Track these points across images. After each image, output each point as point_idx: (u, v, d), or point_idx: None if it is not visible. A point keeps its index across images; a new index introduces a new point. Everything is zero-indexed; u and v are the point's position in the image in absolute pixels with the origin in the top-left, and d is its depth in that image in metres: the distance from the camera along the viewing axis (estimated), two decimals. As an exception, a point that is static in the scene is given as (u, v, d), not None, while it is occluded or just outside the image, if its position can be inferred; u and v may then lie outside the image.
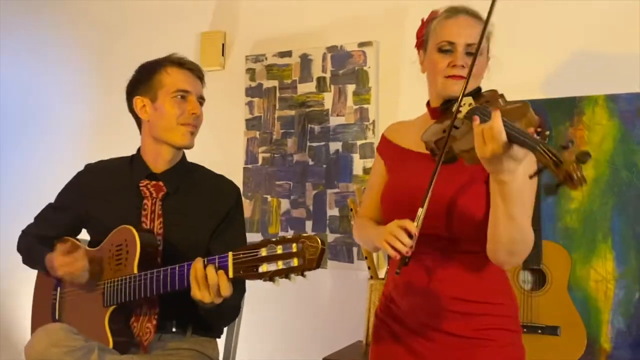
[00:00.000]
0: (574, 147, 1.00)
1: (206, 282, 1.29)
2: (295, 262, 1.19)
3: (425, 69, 1.50)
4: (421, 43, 1.52)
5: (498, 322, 1.37)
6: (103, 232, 1.59)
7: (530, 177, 1.04)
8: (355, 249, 2.42)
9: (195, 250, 1.56)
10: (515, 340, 1.41)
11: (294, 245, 1.20)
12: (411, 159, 1.49)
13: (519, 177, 1.16)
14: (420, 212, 1.25)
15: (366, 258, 2.19)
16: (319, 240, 1.19)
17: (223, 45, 2.76)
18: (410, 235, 1.24)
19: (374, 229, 1.45)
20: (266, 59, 2.65)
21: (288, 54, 2.61)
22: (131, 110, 1.70)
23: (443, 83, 1.40)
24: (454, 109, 1.29)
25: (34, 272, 1.79)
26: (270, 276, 1.22)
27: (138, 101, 1.65)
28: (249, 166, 2.65)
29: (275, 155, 2.60)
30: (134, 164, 1.69)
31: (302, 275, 1.20)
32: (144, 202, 1.61)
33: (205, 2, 2.83)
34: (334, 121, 2.50)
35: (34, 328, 1.75)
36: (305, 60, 2.57)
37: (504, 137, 1.08)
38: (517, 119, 1.13)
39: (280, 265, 1.21)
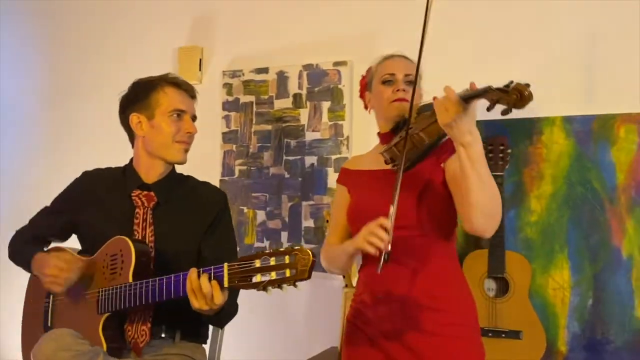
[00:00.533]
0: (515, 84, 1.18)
1: (201, 291, 1.36)
2: (287, 272, 1.29)
3: (372, 106, 1.73)
4: (365, 87, 1.77)
5: (461, 324, 1.53)
6: (95, 238, 1.64)
7: (488, 109, 1.21)
8: (329, 259, 2.52)
9: (185, 256, 1.64)
10: (476, 337, 1.56)
11: (287, 257, 1.29)
12: (371, 178, 1.65)
13: (479, 139, 1.34)
14: (392, 209, 1.37)
15: (341, 267, 2.30)
16: (310, 253, 1.29)
17: (200, 60, 2.84)
18: (386, 230, 1.35)
19: (342, 245, 1.58)
20: (243, 74, 2.75)
21: (265, 70, 2.71)
22: (125, 124, 1.76)
23: (390, 107, 1.62)
24: (404, 124, 1.46)
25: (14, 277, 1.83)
26: (264, 286, 1.31)
27: (134, 117, 1.72)
28: (226, 178, 2.73)
29: (252, 168, 2.69)
30: (126, 175, 1.76)
31: (294, 285, 1.29)
32: (136, 211, 1.68)
33: (183, 18, 2.91)
34: (309, 136, 2.61)
35: (24, 334, 1.79)
36: (282, 77, 2.68)
37: (457, 97, 1.28)
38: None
39: (273, 275, 1.30)
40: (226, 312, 1.56)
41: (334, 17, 2.63)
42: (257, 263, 1.32)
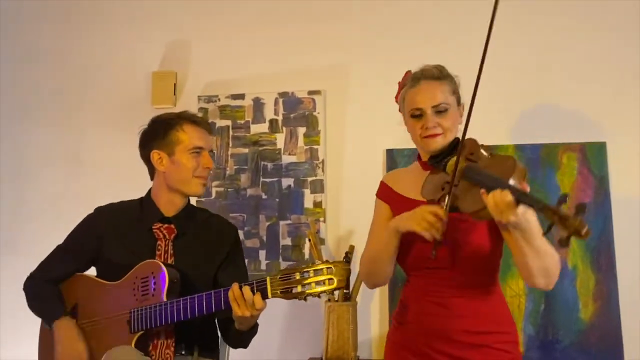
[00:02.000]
0: (569, 200, 1.24)
1: (244, 300, 1.50)
2: (327, 283, 1.45)
3: (406, 125, 1.72)
4: (400, 106, 1.74)
5: (504, 348, 1.57)
6: (118, 270, 1.73)
7: (544, 234, 1.29)
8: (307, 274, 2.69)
9: (203, 283, 1.77)
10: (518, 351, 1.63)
11: (325, 269, 1.46)
12: (414, 208, 1.57)
13: (533, 218, 1.38)
14: (447, 199, 1.42)
15: (324, 283, 2.48)
16: (347, 265, 1.46)
17: (175, 85, 2.92)
18: (440, 217, 1.40)
19: (386, 231, 1.57)
20: (219, 99, 2.87)
21: (241, 96, 2.84)
22: (146, 159, 1.85)
23: (422, 143, 1.64)
24: (442, 166, 1.53)
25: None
26: (304, 297, 1.47)
27: (155, 154, 1.82)
28: (202, 199, 2.83)
29: (229, 190, 2.81)
30: (144, 208, 1.85)
31: (332, 294, 1.46)
32: (157, 243, 1.78)
33: (157, 43, 2.98)
34: (286, 159, 2.77)
35: (42, 357, 1.82)
36: (258, 104, 2.83)
37: (513, 203, 1.29)
38: (509, 172, 1.35)
39: (313, 286, 1.46)
40: (251, 334, 1.70)
41: (308, 47, 2.82)
42: (297, 275, 1.48)
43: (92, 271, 1.91)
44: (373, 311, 2.64)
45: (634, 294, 2.44)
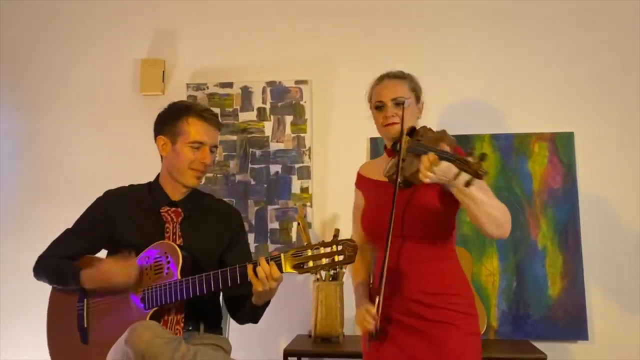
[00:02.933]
0: (475, 152, 1.46)
1: (264, 275, 1.62)
2: (337, 258, 1.57)
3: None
4: (369, 102, 1.98)
5: (459, 308, 1.78)
6: (128, 250, 1.81)
7: (466, 185, 1.47)
8: (294, 257, 2.82)
9: (210, 263, 1.86)
10: (474, 323, 1.79)
11: (334, 246, 1.58)
12: (380, 188, 1.86)
13: (474, 189, 1.55)
14: (378, 299, 1.67)
15: (313, 264, 2.62)
16: (353, 242, 1.58)
17: (163, 72, 2.98)
18: (373, 317, 1.66)
19: (356, 292, 1.89)
20: (207, 88, 2.94)
21: (229, 85, 2.93)
22: (156, 143, 1.94)
23: (383, 130, 1.87)
24: (397, 147, 1.75)
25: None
26: (315, 271, 1.60)
27: (160, 140, 1.90)
28: (192, 185, 2.91)
29: (218, 176, 2.90)
30: (152, 192, 1.93)
31: (341, 269, 1.57)
32: (165, 225, 1.87)
33: (145, 31, 3.03)
34: (273, 146, 2.88)
35: (52, 339, 1.89)
36: (246, 92, 2.92)
37: (436, 159, 1.51)
38: (441, 142, 1.61)
39: (324, 261, 1.58)
40: (264, 309, 1.85)
41: (296, 38, 2.93)
42: (309, 252, 1.59)
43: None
44: (358, 291, 2.79)
45: (598, 272, 2.66)
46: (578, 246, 2.65)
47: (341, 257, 1.57)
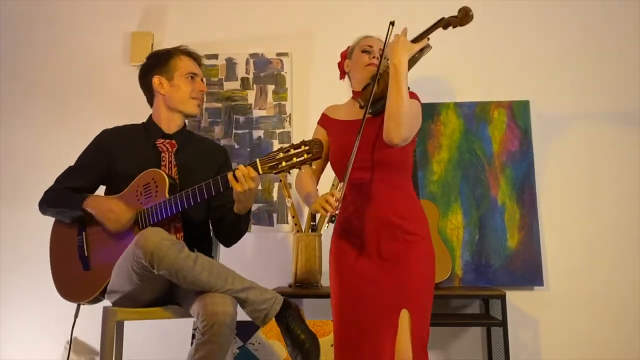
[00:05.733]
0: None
1: (242, 177, 1.78)
2: (305, 156, 1.74)
3: (349, 69, 2.19)
4: (345, 57, 2.23)
5: (420, 231, 2.02)
6: (126, 182, 1.99)
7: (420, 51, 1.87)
8: (275, 215, 3.03)
9: None
10: (428, 241, 2.04)
11: (303, 146, 1.75)
12: (347, 125, 2.07)
13: (405, 64, 1.85)
14: (341, 185, 1.84)
15: (293, 217, 2.83)
16: (320, 140, 1.76)
17: (152, 45, 3.18)
18: (336, 199, 1.77)
19: (307, 192, 2.00)
20: (194, 59, 3.15)
21: (214, 56, 3.14)
22: (146, 86, 2.13)
23: (365, 70, 2.09)
24: (375, 72, 2.00)
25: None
26: (289, 169, 1.75)
27: (156, 80, 2.11)
28: (179, 149, 3.10)
29: (204, 140, 3.10)
30: (147, 128, 2.13)
31: (310, 164, 1.75)
32: (162, 155, 2.06)
33: (135, 4, 3.23)
34: (256, 113, 3.10)
35: (56, 269, 2.06)
36: (231, 63, 3.14)
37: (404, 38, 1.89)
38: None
39: (295, 160, 1.74)
40: (247, 219, 2.02)
41: (277, 12, 3.16)
42: (281, 154, 1.76)
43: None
44: (334, 245, 3.01)
45: (551, 225, 2.94)
46: (534, 202, 2.93)
47: (310, 155, 1.73)
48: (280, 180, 2.91)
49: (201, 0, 3.21)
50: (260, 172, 1.79)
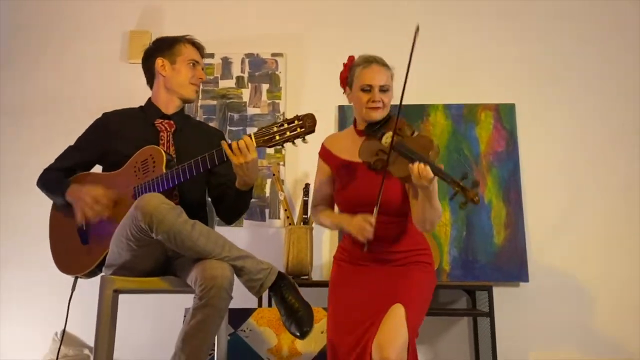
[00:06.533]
0: (470, 176, 1.69)
1: (238, 148, 1.80)
2: (299, 130, 1.76)
3: (351, 100, 2.10)
4: (346, 83, 2.11)
5: (421, 258, 2.01)
6: (125, 162, 2.03)
7: (450, 199, 1.70)
8: (267, 210, 3.08)
9: None
10: (431, 267, 2.04)
11: (296, 121, 1.77)
12: (355, 171, 2.02)
13: (436, 187, 1.81)
14: (375, 211, 1.85)
15: (285, 210, 2.88)
16: (312, 115, 1.78)
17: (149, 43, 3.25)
18: (371, 224, 1.82)
19: (337, 218, 2.03)
20: (190, 58, 3.22)
21: (211, 55, 3.22)
22: (149, 68, 2.20)
23: (366, 112, 2.00)
24: (378, 136, 1.92)
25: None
26: (282, 142, 1.77)
27: (159, 61, 2.17)
28: (173, 144, 3.16)
29: (198, 136, 3.16)
30: (146, 109, 2.18)
31: (304, 139, 1.77)
32: (160, 134, 2.11)
33: (133, 4, 3.31)
34: (251, 111, 3.17)
35: (54, 243, 2.09)
36: (226, 62, 3.22)
37: (431, 175, 1.72)
38: (430, 150, 1.78)
39: (288, 134, 1.76)
40: (249, 196, 2.04)
41: (273, 14, 3.26)
42: (274, 128, 1.79)
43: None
44: (324, 239, 3.06)
45: (536, 222, 3.02)
46: (519, 200, 3.01)
47: (303, 129, 1.75)
48: (274, 175, 2.96)
49: (198, 0, 3.30)
50: (255, 145, 1.83)
